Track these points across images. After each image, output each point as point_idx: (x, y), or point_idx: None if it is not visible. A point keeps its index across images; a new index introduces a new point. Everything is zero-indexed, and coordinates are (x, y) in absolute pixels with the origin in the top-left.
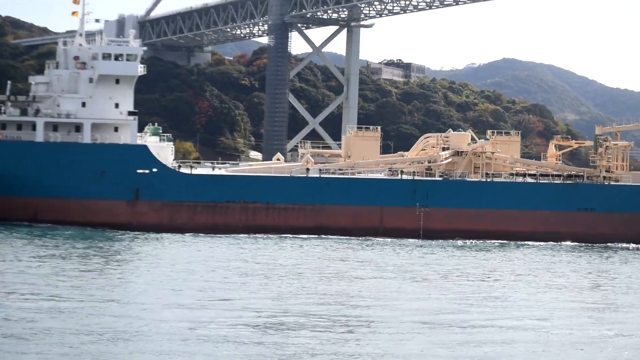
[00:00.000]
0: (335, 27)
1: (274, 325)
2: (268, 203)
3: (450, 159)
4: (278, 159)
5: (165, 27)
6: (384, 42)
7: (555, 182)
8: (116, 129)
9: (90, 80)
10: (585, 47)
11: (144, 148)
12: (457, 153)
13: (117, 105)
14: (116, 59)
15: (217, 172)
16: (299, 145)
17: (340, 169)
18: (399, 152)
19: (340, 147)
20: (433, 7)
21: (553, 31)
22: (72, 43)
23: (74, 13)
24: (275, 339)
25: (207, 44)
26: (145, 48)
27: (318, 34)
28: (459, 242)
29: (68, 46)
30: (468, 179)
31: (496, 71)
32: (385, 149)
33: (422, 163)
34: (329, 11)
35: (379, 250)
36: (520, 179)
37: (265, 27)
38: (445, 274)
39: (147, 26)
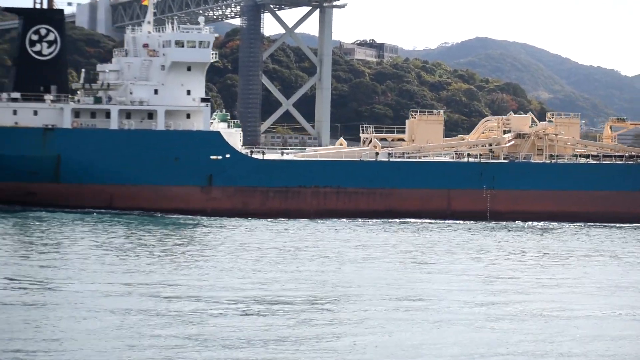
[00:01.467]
0: (308, 8)
1: None
2: (339, 187)
3: (512, 142)
4: (341, 144)
5: (138, 9)
6: (356, 22)
7: (617, 162)
8: (188, 116)
9: (162, 67)
10: (558, 25)
11: (217, 134)
12: (519, 135)
13: (188, 92)
14: (189, 46)
15: (286, 157)
16: (361, 129)
17: (406, 153)
18: (459, 136)
19: (313, 128)
20: None
21: (526, 9)
22: (140, 31)
23: (143, 1)
24: None
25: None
26: (215, 33)
27: (291, 15)
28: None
29: (136, 34)
30: (533, 161)
31: (469, 50)
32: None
33: (485, 146)
34: None
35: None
36: (583, 160)
37: (238, 8)
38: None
39: (119, 9)
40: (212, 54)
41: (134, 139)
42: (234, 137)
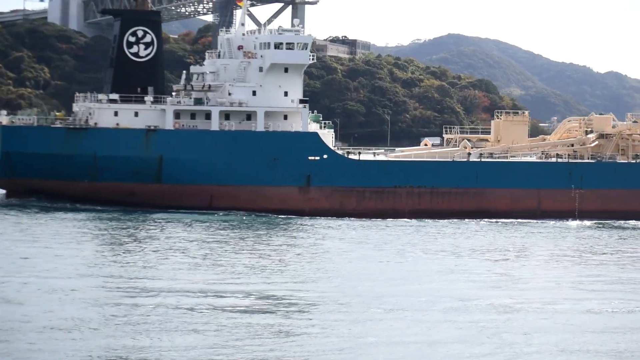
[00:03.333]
0: (281, 4)
1: None
2: (432, 187)
3: (596, 142)
4: (426, 144)
5: (110, 5)
6: (329, 18)
7: None
8: (285, 117)
9: (260, 69)
10: (530, 21)
11: (315, 135)
12: (602, 136)
13: (286, 94)
14: (287, 47)
15: (379, 158)
16: (445, 130)
17: (495, 153)
18: (540, 136)
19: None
20: None
21: (498, 6)
22: (234, 32)
23: (239, 2)
24: None
25: None
26: (314, 37)
27: (263, 12)
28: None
29: (231, 35)
30: (619, 161)
31: (441, 47)
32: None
33: (570, 146)
34: None
35: None
36: None
37: (210, 4)
38: None
39: (91, 5)
40: (310, 55)
41: (234, 139)
42: (327, 137)
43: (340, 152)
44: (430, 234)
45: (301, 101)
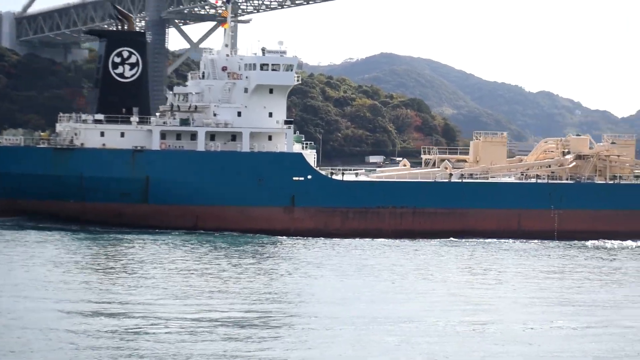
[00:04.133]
0: (213, 23)
1: None
2: (415, 208)
3: (574, 163)
4: (405, 165)
5: (42, 23)
6: (261, 37)
7: None
8: (270, 138)
9: (245, 90)
10: (463, 41)
11: (300, 156)
12: (579, 156)
13: (270, 115)
14: (273, 69)
15: (362, 178)
16: (423, 151)
17: (475, 174)
18: (517, 157)
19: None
20: (310, 3)
21: (431, 26)
22: (217, 53)
23: (223, 25)
24: None
25: (84, 40)
26: (300, 59)
27: (196, 30)
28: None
29: (215, 56)
30: (597, 182)
31: (374, 66)
32: None
33: (549, 167)
34: (206, 7)
35: None
36: None
37: (143, 23)
38: None
39: (24, 23)
40: (295, 76)
41: (220, 160)
42: (310, 158)
43: (323, 172)
44: (399, 254)
45: (286, 122)
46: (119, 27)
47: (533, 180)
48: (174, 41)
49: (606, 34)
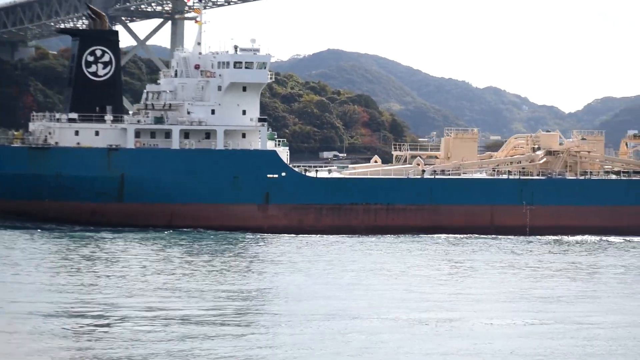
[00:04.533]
0: (160, 20)
1: None
2: (388, 204)
3: (545, 159)
4: (376, 161)
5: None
6: (209, 34)
7: None
8: (244, 135)
9: (219, 88)
10: (409, 37)
11: (274, 153)
12: (549, 152)
13: (244, 112)
14: (246, 67)
15: (335, 175)
16: (394, 148)
17: (447, 170)
18: (487, 153)
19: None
20: None
21: (378, 22)
22: (189, 51)
23: (197, 22)
24: None
25: (30, 38)
26: (274, 57)
27: (142, 27)
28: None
29: (187, 54)
30: (568, 178)
31: (321, 62)
32: None
33: (519, 163)
34: (152, 4)
35: None
36: (614, 177)
37: (84, 20)
38: None
39: None
40: (269, 74)
41: (195, 158)
42: (282, 155)
43: (297, 169)
44: (365, 250)
45: (260, 120)
46: (92, 26)
47: (505, 176)
48: (121, 38)
49: (553, 30)
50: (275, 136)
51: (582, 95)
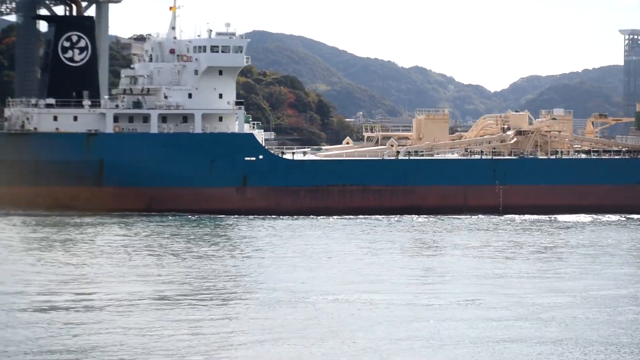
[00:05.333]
0: (84, 3)
1: None
2: (364, 185)
3: (515, 139)
4: (347, 143)
5: None
6: (133, 17)
7: (619, 157)
8: (220, 119)
9: (196, 72)
10: (334, 17)
11: (251, 136)
12: (519, 132)
13: (220, 96)
14: (223, 51)
15: (310, 157)
16: (364, 129)
17: (419, 151)
18: (457, 133)
19: None
20: None
21: (302, 2)
22: (163, 36)
23: (171, 8)
24: None
25: None
26: (249, 40)
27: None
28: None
29: (162, 39)
30: (540, 157)
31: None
32: None
33: (490, 143)
34: None
35: None
36: (584, 156)
37: (14, 4)
38: None
39: None
40: (245, 58)
41: (174, 142)
42: (259, 137)
43: (274, 152)
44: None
45: (237, 103)
46: (67, 11)
47: (477, 157)
48: (46, 23)
49: (478, 9)
50: (250, 119)
51: (508, 74)
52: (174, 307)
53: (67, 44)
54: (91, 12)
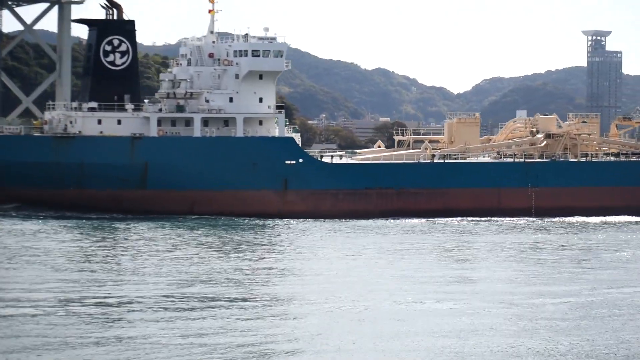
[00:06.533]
0: (47, 4)
1: None
2: (400, 188)
3: (545, 142)
4: (379, 146)
5: None
6: (95, 18)
7: None
8: (260, 122)
9: (237, 76)
10: (296, 18)
11: (291, 140)
12: (549, 135)
13: (260, 100)
14: (264, 55)
15: (344, 160)
16: (395, 132)
17: (453, 154)
18: (485, 137)
19: None
20: None
21: (263, 2)
22: (201, 40)
23: (210, 11)
24: None
25: None
26: (289, 44)
27: (29, 12)
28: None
29: (201, 43)
30: (571, 160)
31: None
32: None
33: (521, 146)
34: None
35: None
36: (613, 159)
37: None
38: None
39: None
40: (286, 62)
41: (217, 145)
42: (297, 141)
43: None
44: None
45: (278, 107)
46: (109, 15)
47: (510, 160)
48: (8, 23)
49: (440, 10)
50: (287, 122)
51: (471, 76)
52: None
53: (108, 48)
54: (54, 13)
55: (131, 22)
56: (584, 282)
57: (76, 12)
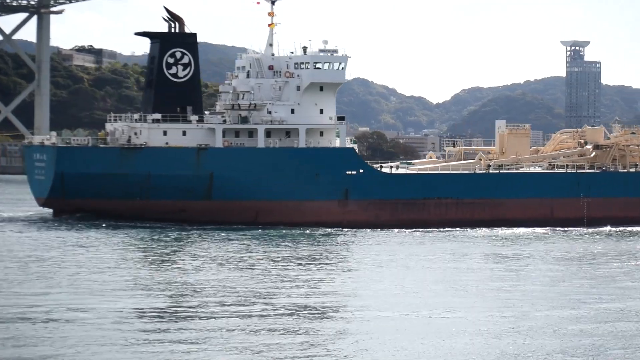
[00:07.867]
0: (25, 15)
1: None
2: (458, 199)
3: (594, 153)
4: (431, 157)
5: None
6: (74, 28)
7: None
8: (321, 133)
9: (298, 88)
10: (264, 27)
11: (352, 151)
12: (597, 146)
13: (321, 111)
14: (325, 67)
15: (402, 171)
16: (446, 143)
17: (505, 165)
18: (534, 148)
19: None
20: None
21: (243, 14)
22: (260, 53)
23: (270, 25)
24: None
25: None
26: (350, 56)
27: (8, 21)
28: None
29: (260, 56)
30: (621, 170)
31: None
32: None
33: (570, 157)
34: None
35: None
36: None
37: None
38: None
39: None
40: (347, 73)
41: (280, 156)
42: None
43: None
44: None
45: (339, 118)
46: (172, 28)
47: (562, 170)
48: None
49: (419, 21)
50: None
51: (450, 86)
52: None
53: (171, 60)
54: (32, 23)
55: (193, 35)
56: None
57: (58, 22)
